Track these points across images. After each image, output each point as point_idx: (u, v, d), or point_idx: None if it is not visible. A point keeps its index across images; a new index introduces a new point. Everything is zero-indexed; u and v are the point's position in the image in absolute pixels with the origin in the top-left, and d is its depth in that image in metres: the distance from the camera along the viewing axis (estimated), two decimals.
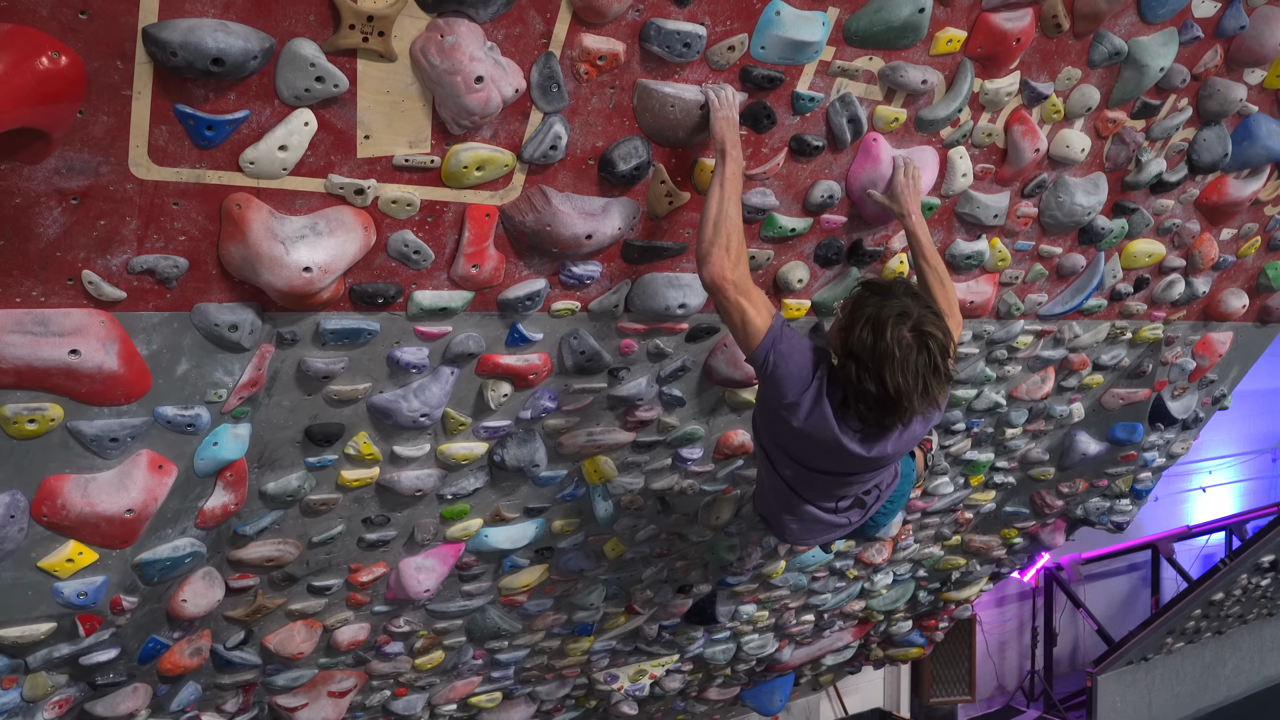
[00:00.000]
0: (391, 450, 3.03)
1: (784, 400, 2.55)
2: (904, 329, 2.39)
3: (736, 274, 2.52)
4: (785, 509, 2.91)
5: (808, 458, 2.70)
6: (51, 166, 2.05)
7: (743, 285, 2.54)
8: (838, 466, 2.69)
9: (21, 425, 2.30)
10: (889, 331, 2.38)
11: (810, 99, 2.80)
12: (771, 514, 3.03)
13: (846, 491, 2.84)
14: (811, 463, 2.71)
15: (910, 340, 2.39)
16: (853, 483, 2.81)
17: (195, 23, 1.98)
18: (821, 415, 2.53)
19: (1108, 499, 5.62)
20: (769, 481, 2.92)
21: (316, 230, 2.34)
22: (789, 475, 2.80)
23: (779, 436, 2.72)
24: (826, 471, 2.74)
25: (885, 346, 2.38)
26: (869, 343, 2.40)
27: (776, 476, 2.84)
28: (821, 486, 2.81)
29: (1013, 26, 2.93)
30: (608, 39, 2.42)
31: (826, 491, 2.83)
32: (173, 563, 2.80)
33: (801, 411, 2.54)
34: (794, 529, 2.97)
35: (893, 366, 2.38)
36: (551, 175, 2.59)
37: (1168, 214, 3.99)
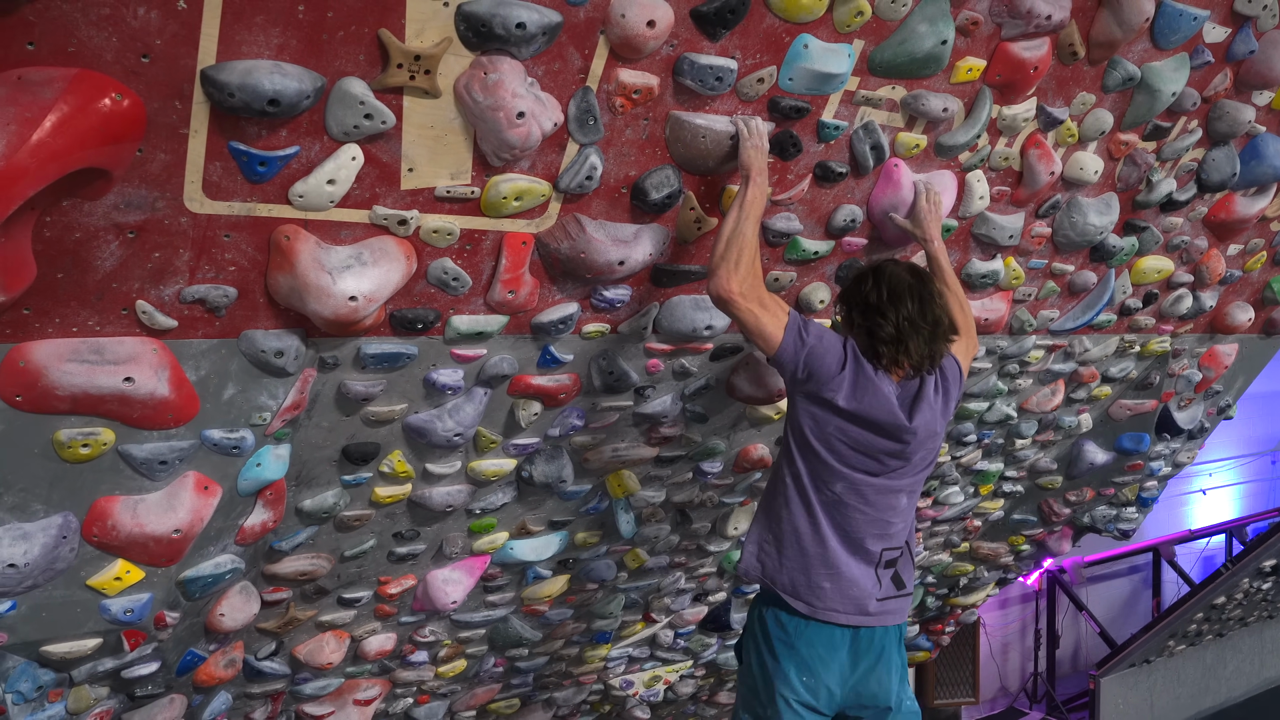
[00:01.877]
0: (424, 468, 3.10)
1: (827, 379, 2.72)
2: (899, 267, 2.81)
3: (744, 285, 2.62)
4: (820, 562, 2.83)
5: (858, 448, 2.78)
6: (111, 202, 2.12)
7: (751, 294, 2.65)
8: (887, 447, 2.80)
9: (75, 449, 2.37)
10: (884, 271, 2.79)
11: (835, 127, 2.87)
12: (793, 575, 2.87)
13: (895, 504, 2.86)
14: (863, 452, 2.78)
15: (904, 273, 2.77)
16: (900, 484, 2.86)
17: (252, 64, 2.05)
18: (865, 378, 2.74)
19: (1114, 507, 5.71)
20: (803, 523, 2.84)
21: (361, 260, 2.41)
22: (839, 490, 2.80)
23: (825, 433, 2.77)
24: (876, 459, 2.80)
25: (881, 279, 2.77)
26: (868, 287, 2.77)
27: (814, 508, 2.82)
28: (871, 499, 2.82)
29: (1030, 55, 3.00)
30: (643, 73, 2.49)
31: (875, 510, 2.83)
32: (214, 579, 2.87)
33: (845, 383, 2.73)
34: (826, 588, 2.84)
35: (895, 291, 2.73)
36: (586, 204, 2.67)
37: (1176, 231, 4.07)
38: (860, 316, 2.77)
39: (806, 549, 2.84)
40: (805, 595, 2.85)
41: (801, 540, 2.85)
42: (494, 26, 2.20)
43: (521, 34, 2.23)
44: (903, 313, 2.70)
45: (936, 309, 2.75)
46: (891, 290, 2.73)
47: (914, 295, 2.73)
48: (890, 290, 2.73)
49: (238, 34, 2.03)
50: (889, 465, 2.84)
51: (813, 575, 2.84)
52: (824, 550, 2.84)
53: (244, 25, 2.02)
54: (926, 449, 2.90)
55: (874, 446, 2.80)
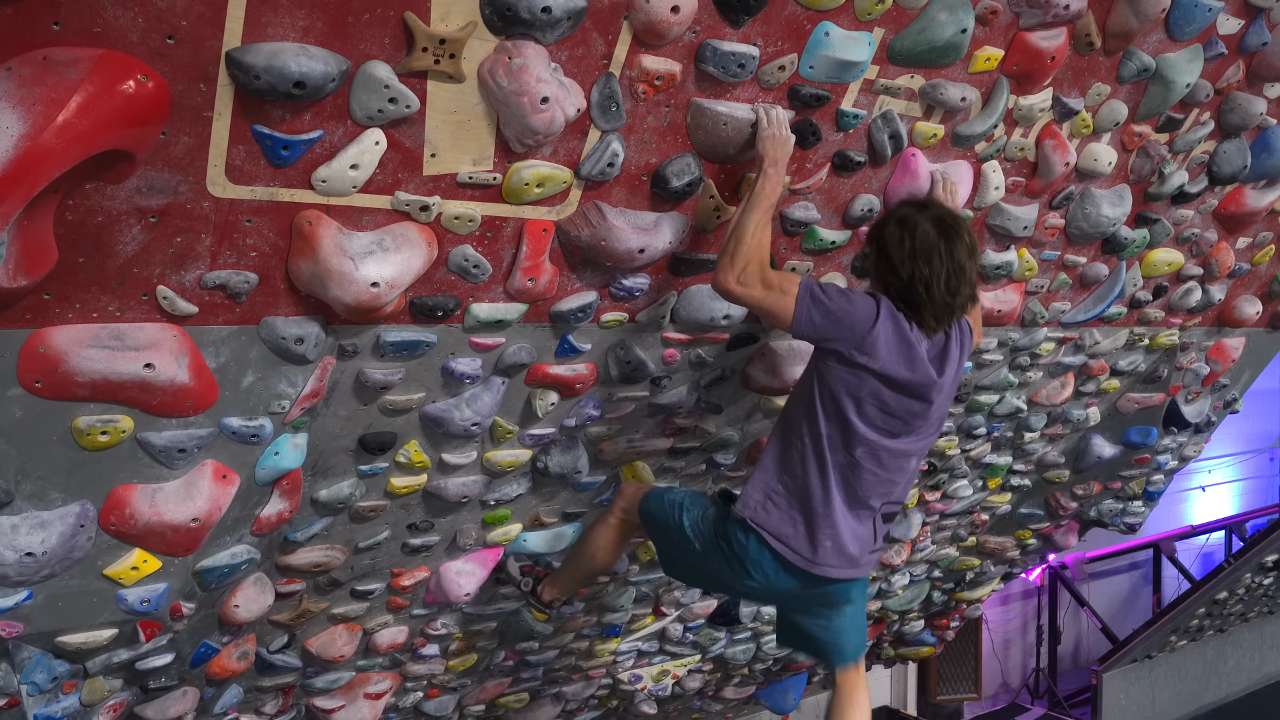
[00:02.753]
0: (440, 458, 3.09)
1: (858, 339, 2.70)
2: (926, 224, 2.73)
3: (740, 275, 2.63)
4: (825, 522, 2.83)
5: (888, 409, 2.78)
6: (133, 186, 2.10)
7: (751, 280, 2.64)
8: (915, 408, 2.81)
9: (94, 437, 2.36)
10: (913, 226, 2.73)
11: (854, 116, 2.86)
12: (795, 530, 2.87)
13: (906, 465, 2.93)
14: (892, 414, 2.79)
15: (932, 229, 2.71)
16: (915, 446, 2.91)
17: (278, 47, 2.04)
18: (901, 337, 2.73)
19: (1121, 501, 5.71)
20: (815, 484, 2.82)
21: (383, 246, 2.39)
22: (859, 454, 2.80)
23: (859, 397, 2.76)
24: (903, 420, 2.81)
25: (911, 234, 2.72)
26: (896, 240, 2.73)
27: (828, 470, 2.81)
28: (886, 461, 2.84)
29: (1048, 45, 3.00)
30: (665, 60, 2.48)
31: (887, 471, 2.86)
32: (230, 569, 2.86)
33: (880, 343, 2.70)
34: (827, 546, 2.86)
35: (923, 250, 2.70)
36: (606, 191, 2.66)
37: (1187, 224, 4.07)
38: (889, 273, 2.76)
39: (815, 509, 2.84)
40: (803, 550, 2.88)
41: (811, 500, 2.84)
42: (519, 11, 2.19)
43: (547, 18, 2.22)
44: (931, 271, 2.69)
45: (965, 267, 2.73)
46: (919, 248, 2.70)
47: (940, 253, 2.70)
48: (918, 248, 2.70)
49: (263, 16, 2.01)
50: (912, 426, 2.85)
51: (817, 534, 2.85)
52: (829, 510, 2.83)
53: (270, 7, 2.01)
54: (945, 408, 2.95)
55: (904, 409, 2.80)
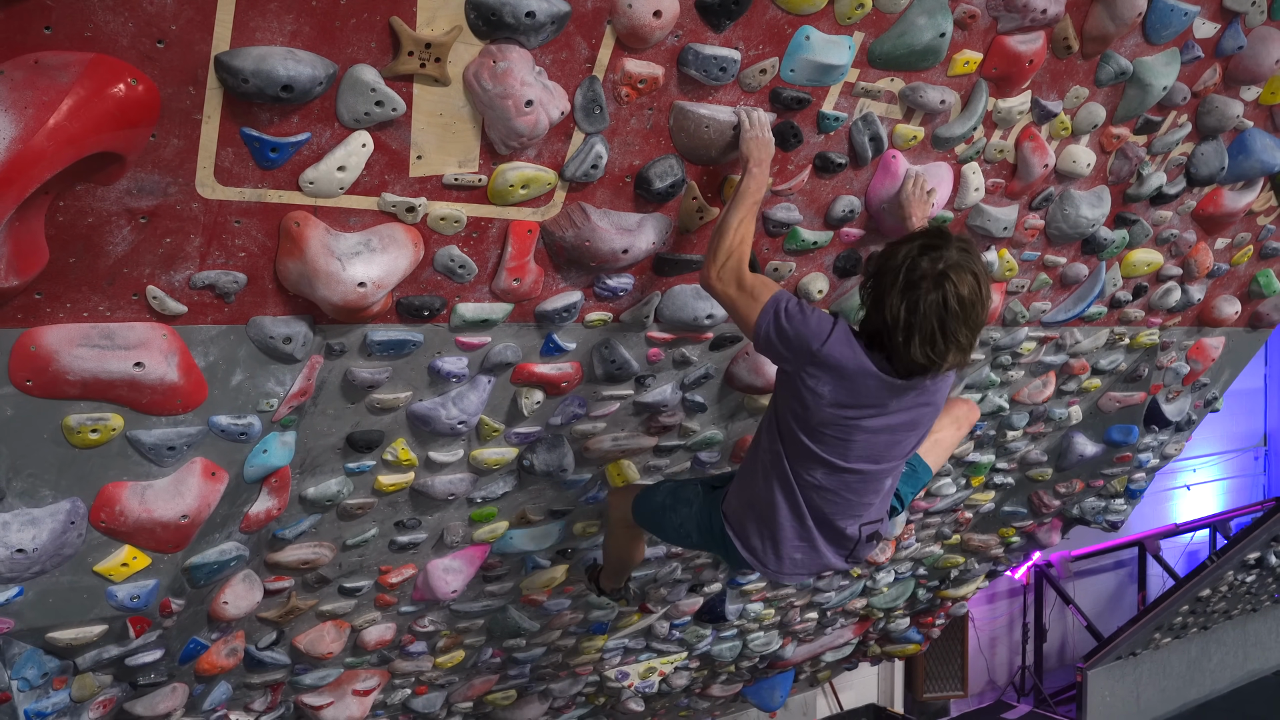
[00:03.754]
0: (427, 456, 3.13)
1: (809, 354, 2.51)
2: (933, 266, 2.38)
3: (721, 270, 2.63)
4: (797, 536, 2.79)
5: (840, 434, 2.60)
6: (123, 187, 2.13)
7: (728, 277, 2.62)
8: (864, 433, 2.61)
9: (85, 435, 2.39)
10: (917, 265, 2.40)
11: (835, 118, 2.91)
12: (765, 544, 2.85)
13: (879, 487, 2.76)
14: (844, 438, 2.60)
15: (933, 277, 2.38)
16: (886, 467, 2.72)
17: (266, 50, 2.07)
18: (853, 359, 2.50)
19: (1103, 499, 5.77)
20: (782, 502, 2.76)
21: (370, 246, 2.43)
22: (819, 477, 2.68)
23: (810, 424, 2.61)
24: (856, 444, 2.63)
25: (907, 278, 2.39)
26: (894, 271, 2.42)
27: (794, 492, 2.73)
28: (855, 485, 2.71)
29: (1026, 49, 3.04)
30: (648, 63, 2.52)
31: (858, 495, 2.74)
32: (219, 566, 2.89)
33: (829, 362, 2.50)
34: (798, 559, 2.84)
35: (909, 299, 2.39)
36: (591, 193, 2.70)
37: (1166, 225, 4.13)
38: (869, 279, 2.52)
39: (781, 525, 2.78)
40: (770, 563, 2.86)
41: (777, 516, 2.78)
42: (504, 15, 2.23)
43: (531, 23, 2.26)
44: (924, 343, 2.42)
45: (943, 341, 2.43)
46: (917, 313, 2.40)
47: (943, 327, 2.41)
48: (916, 312, 2.40)
49: (252, 20, 2.04)
50: (869, 452, 2.68)
51: (782, 548, 2.81)
52: (798, 527, 2.78)
53: (258, 12, 2.04)
54: (908, 440, 2.75)
55: (855, 435, 2.63)
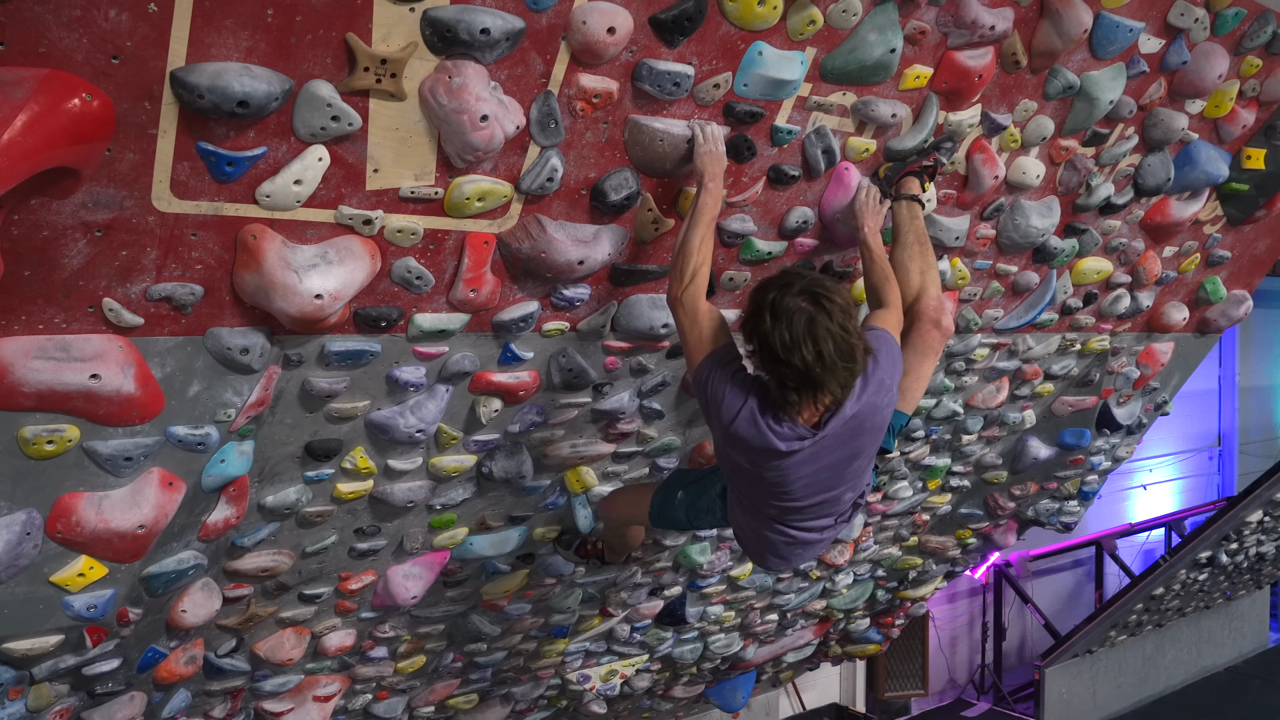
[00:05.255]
0: (386, 464, 3.15)
1: (724, 425, 2.58)
2: (799, 299, 2.40)
3: (685, 293, 2.68)
4: (782, 542, 2.85)
5: (781, 486, 2.66)
6: (79, 201, 2.14)
7: (689, 304, 2.68)
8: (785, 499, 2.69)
9: (40, 446, 2.39)
10: (784, 303, 2.40)
11: (788, 132, 2.96)
12: (755, 551, 2.99)
13: (840, 499, 2.78)
14: (789, 488, 2.66)
15: (808, 305, 2.39)
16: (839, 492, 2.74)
17: (222, 66, 2.09)
18: (756, 427, 2.53)
19: (1057, 501, 5.88)
20: (757, 523, 2.84)
21: (327, 259, 2.45)
22: (774, 514, 2.77)
23: (744, 479, 2.71)
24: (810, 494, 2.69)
25: (782, 321, 2.39)
26: (769, 321, 2.41)
27: (763, 518, 2.80)
28: (812, 513, 2.77)
29: (975, 64, 3.12)
30: (603, 78, 2.56)
31: (822, 510, 2.78)
32: (177, 574, 2.90)
33: (738, 434, 2.55)
34: (786, 558, 2.93)
35: (792, 335, 2.38)
36: (547, 205, 2.74)
37: (1115, 234, 4.22)
38: (767, 361, 2.47)
39: (766, 537, 2.85)
40: (782, 567, 3.03)
41: (765, 535, 2.85)
42: (459, 32, 2.26)
43: (486, 39, 2.29)
44: (809, 355, 2.40)
45: (842, 339, 2.42)
46: (793, 332, 2.39)
47: (814, 333, 2.40)
48: (791, 332, 2.39)
49: (207, 37, 2.07)
50: (823, 484, 2.70)
51: (783, 552, 2.89)
52: (784, 537, 2.84)
53: (213, 28, 2.06)
54: (865, 453, 2.72)
55: (780, 495, 2.69)
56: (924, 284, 3.04)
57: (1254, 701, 9.56)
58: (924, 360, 3.04)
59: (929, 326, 3.00)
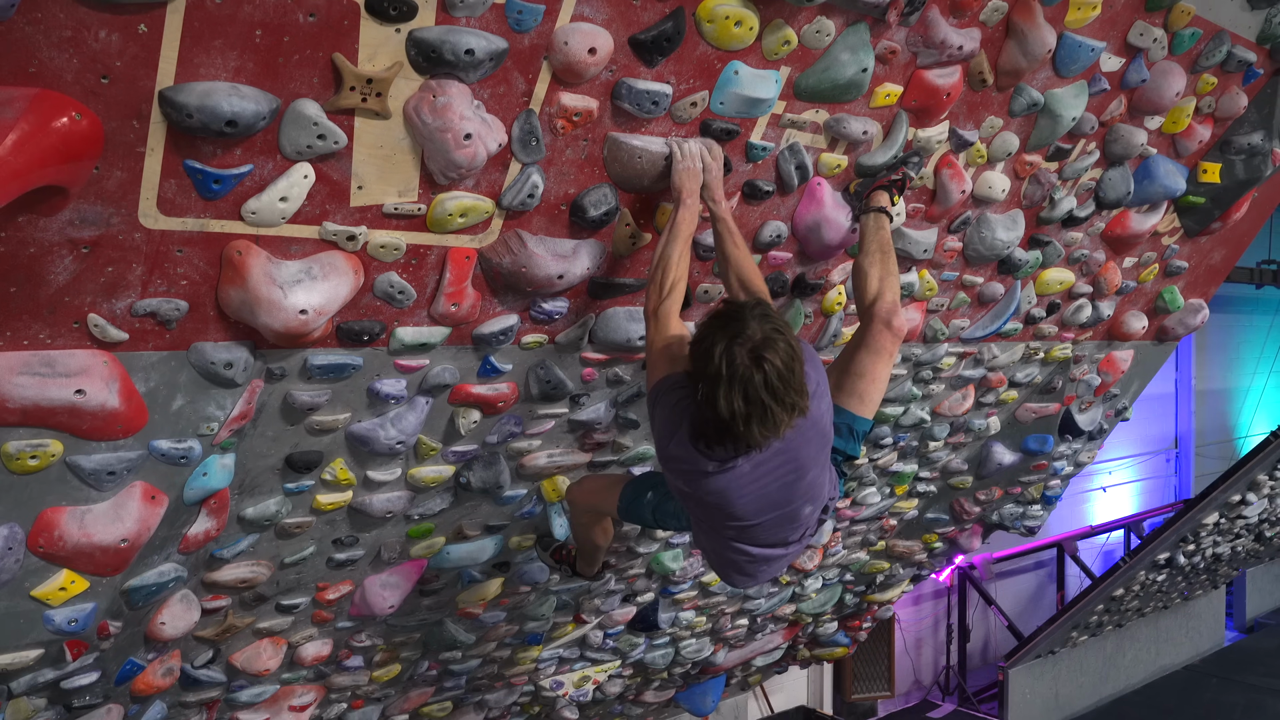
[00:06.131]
0: (366, 475, 3.18)
1: (660, 444, 2.59)
2: (743, 350, 2.32)
3: (661, 308, 2.70)
4: (745, 561, 2.81)
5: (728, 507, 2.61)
6: (66, 218, 2.16)
7: (663, 321, 2.69)
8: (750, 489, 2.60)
9: (24, 461, 2.40)
10: (729, 353, 2.32)
11: (762, 148, 3.03)
12: (718, 567, 2.95)
13: (799, 515, 2.71)
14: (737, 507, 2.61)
15: (748, 361, 2.31)
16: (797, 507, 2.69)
17: (210, 86, 2.12)
18: (687, 450, 2.50)
19: (1021, 505, 6.00)
20: (718, 543, 2.80)
21: (311, 274, 2.48)
22: (731, 536, 2.73)
23: (692, 501, 2.67)
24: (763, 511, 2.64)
25: (724, 369, 2.31)
26: (709, 366, 2.34)
27: (721, 539, 2.77)
28: (769, 529, 2.71)
29: (944, 82, 3.20)
30: (583, 97, 2.61)
31: (779, 527, 2.72)
32: (157, 587, 2.91)
33: (672, 452, 2.54)
34: (749, 577, 2.89)
35: (731, 390, 2.32)
36: (527, 220, 2.78)
37: (1077, 245, 4.33)
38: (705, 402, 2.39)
39: (728, 557, 2.82)
40: (747, 585, 2.98)
41: (727, 554, 2.82)
42: (444, 52, 2.30)
43: (470, 59, 2.33)
44: (724, 408, 2.34)
45: (776, 413, 2.35)
46: (730, 394, 2.32)
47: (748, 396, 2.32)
48: (729, 393, 2.33)
49: (196, 57, 2.09)
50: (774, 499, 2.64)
51: (747, 570, 2.88)
52: (745, 556, 2.82)
53: (202, 49, 2.09)
54: (815, 462, 2.67)
55: (757, 499, 2.62)
56: (881, 289, 3.03)
57: (1211, 699, 9.77)
58: (878, 361, 2.98)
59: (880, 327, 2.97)
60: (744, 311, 2.39)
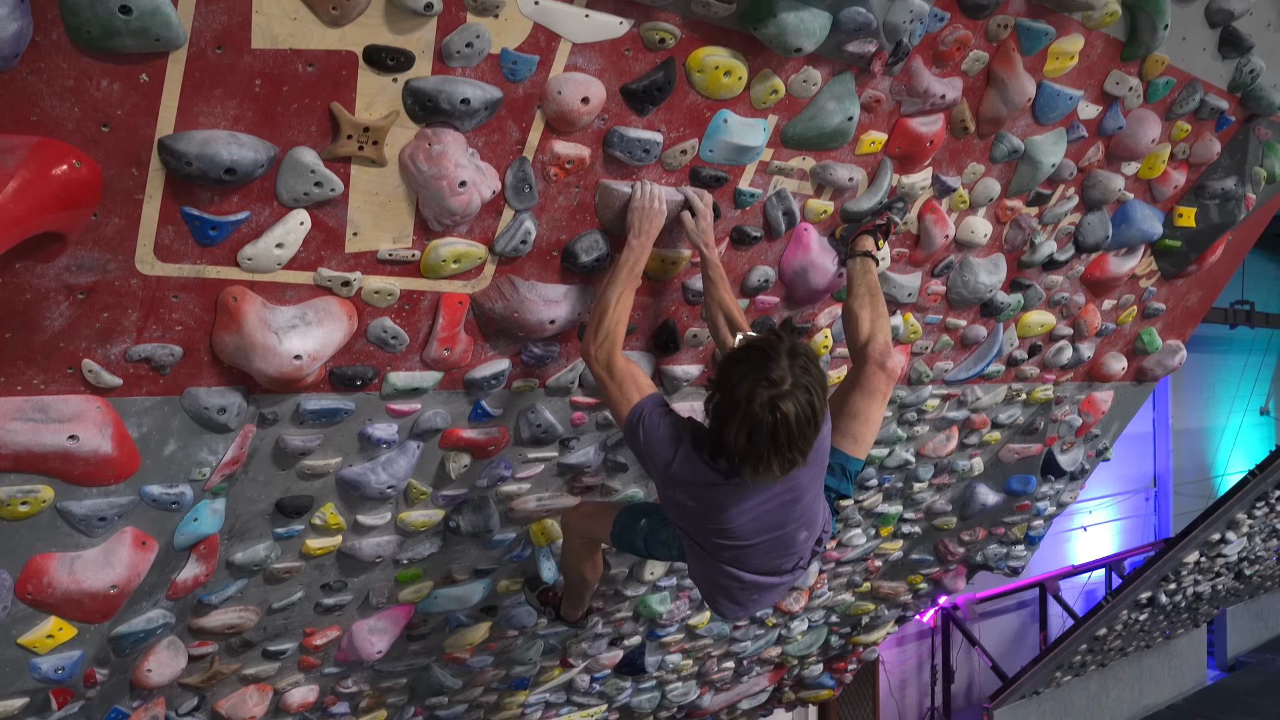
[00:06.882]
0: (355, 519, 3.17)
1: (661, 470, 2.59)
2: (764, 392, 2.32)
3: (598, 349, 2.69)
4: (739, 588, 2.82)
5: (718, 534, 2.66)
6: (63, 264, 2.17)
7: (605, 363, 2.67)
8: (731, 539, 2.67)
9: (14, 507, 2.39)
10: (747, 389, 2.33)
11: (750, 195, 3.08)
12: (711, 596, 2.96)
13: (794, 539, 2.74)
14: (736, 528, 2.64)
15: (763, 404, 2.32)
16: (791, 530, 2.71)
17: (209, 134, 2.14)
18: (694, 466, 2.53)
19: (1004, 545, 6.02)
20: (711, 570, 2.82)
21: (306, 320, 2.50)
22: (727, 557, 2.74)
23: (691, 521, 2.71)
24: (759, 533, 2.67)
25: (739, 400, 2.34)
26: (729, 393, 2.37)
27: (714, 563, 2.78)
28: (764, 552, 2.73)
29: (927, 130, 3.27)
30: (576, 145, 2.65)
31: (774, 552, 2.74)
32: (145, 634, 2.88)
33: (678, 478, 2.57)
34: (744, 606, 2.91)
35: (737, 422, 2.34)
36: (520, 266, 2.81)
37: (1057, 288, 4.40)
38: (713, 393, 2.45)
39: (720, 583, 2.83)
40: (737, 613, 2.97)
41: (719, 579, 2.83)
42: (440, 101, 2.34)
43: (465, 109, 2.37)
44: (730, 439, 2.38)
45: (774, 461, 2.38)
46: (733, 407, 2.36)
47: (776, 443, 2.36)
48: (733, 407, 2.36)
49: (196, 105, 2.12)
50: (772, 522, 2.68)
51: (738, 598, 2.88)
52: (738, 582, 2.83)
53: (202, 97, 2.12)
54: (811, 490, 2.70)
55: (723, 536, 2.67)
56: (873, 331, 3.09)
57: None
58: (872, 402, 3.03)
59: (874, 369, 3.03)
60: (781, 351, 2.38)
